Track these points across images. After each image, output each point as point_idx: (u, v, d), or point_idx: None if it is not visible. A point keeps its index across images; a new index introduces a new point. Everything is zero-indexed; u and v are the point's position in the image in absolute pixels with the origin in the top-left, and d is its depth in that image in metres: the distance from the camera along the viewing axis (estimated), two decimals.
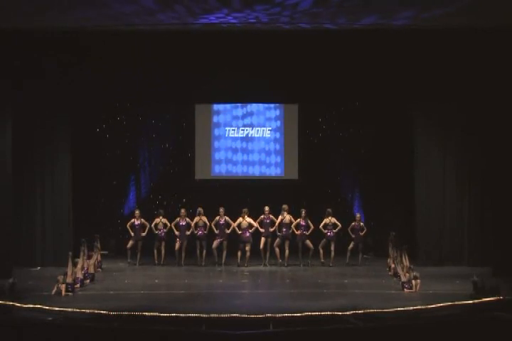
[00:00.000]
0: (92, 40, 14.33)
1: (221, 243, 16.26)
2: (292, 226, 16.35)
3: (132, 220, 16.61)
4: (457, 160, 16.77)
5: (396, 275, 14.85)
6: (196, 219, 16.51)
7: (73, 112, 17.09)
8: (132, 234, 16.50)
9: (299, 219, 16.39)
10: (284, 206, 16.47)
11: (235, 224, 16.42)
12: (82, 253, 15.06)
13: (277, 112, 18.89)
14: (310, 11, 12.56)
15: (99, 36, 14.32)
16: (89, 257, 15.52)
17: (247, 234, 16.31)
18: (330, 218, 16.52)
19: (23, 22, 13.37)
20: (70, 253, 14.63)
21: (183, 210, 16.51)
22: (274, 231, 16.40)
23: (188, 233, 16.38)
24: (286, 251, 16.43)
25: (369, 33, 14.25)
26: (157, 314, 11.18)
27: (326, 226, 16.51)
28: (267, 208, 16.41)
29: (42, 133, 16.56)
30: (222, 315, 11.15)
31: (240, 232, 16.37)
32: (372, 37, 14.32)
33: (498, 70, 14.42)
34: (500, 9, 12.59)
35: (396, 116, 18.00)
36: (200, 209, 16.50)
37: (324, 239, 16.53)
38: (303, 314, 11.24)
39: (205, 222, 16.44)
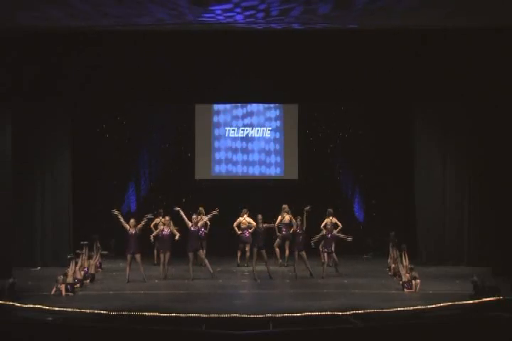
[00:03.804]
0: (92, 40, 14.32)
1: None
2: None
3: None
4: (457, 160, 16.79)
5: (396, 275, 14.86)
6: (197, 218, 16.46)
7: (73, 112, 17.12)
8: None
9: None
10: (284, 206, 16.44)
11: (235, 224, 16.42)
12: (82, 254, 15.09)
13: (277, 112, 18.92)
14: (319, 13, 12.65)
15: (99, 36, 14.31)
16: (90, 257, 15.53)
17: (247, 234, 16.28)
18: (331, 218, 16.49)
19: (23, 21, 13.35)
20: (73, 254, 14.68)
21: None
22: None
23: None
24: (287, 251, 16.41)
25: (369, 33, 14.24)
26: (157, 314, 11.20)
27: (326, 226, 16.47)
28: (260, 216, 15.42)
29: (42, 133, 16.58)
30: (222, 315, 11.16)
31: (239, 232, 16.36)
32: (372, 37, 14.30)
33: (498, 70, 14.40)
34: (500, 9, 12.59)
35: (396, 116, 18.04)
36: (201, 209, 16.45)
37: (324, 239, 16.50)
38: (303, 314, 11.25)
39: (205, 222, 16.41)
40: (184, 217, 15.09)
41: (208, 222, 16.40)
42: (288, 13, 12.63)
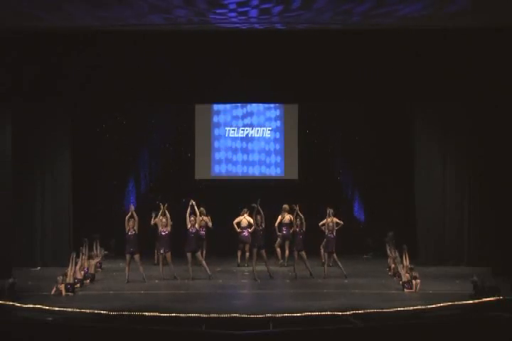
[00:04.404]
0: (92, 40, 14.33)
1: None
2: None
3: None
4: (457, 160, 16.79)
5: (396, 275, 14.85)
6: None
7: (73, 112, 17.12)
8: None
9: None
10: (285, 206, 16.42)
11: (235, 221, 16.42)
12: (81, 254, 15.10)
13: (277, 112, 18.91)
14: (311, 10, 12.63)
15: (99, 36, 14.32)
16: (90, 257, 15.54)
17: (246, 234, 16.28)
18: (332, 218, 16.42)
19: (23, 22, 13.37)
20: (74, 254, 14.64)
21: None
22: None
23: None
24: (286, 251, 16.40)
25: (369, 33, 14.25)
26: (157, 314, 11.19)
27: (328, 226, 16.36)
28: (259, 217, 15.29)
29: (42, 133, 16.58)
30: (222, 315, 11.15)
31: (239, 230, 16.37)
32: (372, 37, 14.31)
33: (498, 70, 14.41)
34: (501, 9, 12.59)
35: (396, 116, 18.03)
36: (202, 209, 16.45)
37: (325, 239, 16.47)
38: (303, 314, 11.24)
39: (206, 222, 16.41)
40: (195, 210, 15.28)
41: (210, 222, 16.41)
42: (311, 6, 12.34)
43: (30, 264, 16.36)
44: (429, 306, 12.00)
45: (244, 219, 16.40)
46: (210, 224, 16.46)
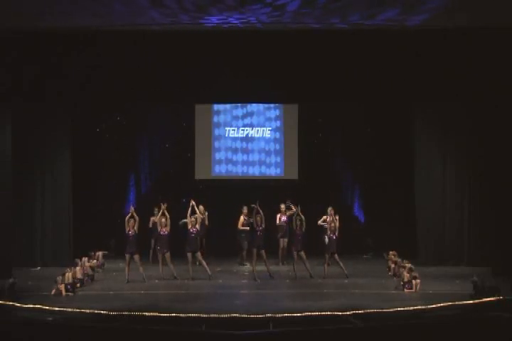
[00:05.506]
0: (92, 40, 14.34)
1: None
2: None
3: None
4: (457, 160, 16.78)
5: (396, 275, 14.86)
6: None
7: (73, 112, 17.12)
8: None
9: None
10: (282, 206, 16.46)
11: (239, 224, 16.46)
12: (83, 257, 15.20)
13: (277, 112, 18.91)
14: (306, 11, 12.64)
15: (99, 36, 14.33)
16: (90, 257, 15.56)
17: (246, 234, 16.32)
18: (332, 217, 16.39)
19: (24, 22, 13.37)
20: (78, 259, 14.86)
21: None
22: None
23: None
24: (281, 245, 16.42)
25: (369, 34, 14.26)
26: (157, 314, 11.20)
27: (330, 227, 16.28)
28: (258, 218, 15.29)
29: (42, 133, 16.58)
30: (222, 315, 11.15)
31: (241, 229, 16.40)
32: (372, 37, 14.33)
33: (498, 70, 14.42)
34: (500, 9, 12.60)
35: (396, 116, 18.03)
36: (201, 207, 16.40)
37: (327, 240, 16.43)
38: (303, 314, 11.25)
39: (202, 219, 16.35)
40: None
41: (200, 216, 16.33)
42: None
43: (30, 264, 16.36)
44: (429, 306, 12.00)
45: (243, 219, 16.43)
46: (206, 221, 16.40)
